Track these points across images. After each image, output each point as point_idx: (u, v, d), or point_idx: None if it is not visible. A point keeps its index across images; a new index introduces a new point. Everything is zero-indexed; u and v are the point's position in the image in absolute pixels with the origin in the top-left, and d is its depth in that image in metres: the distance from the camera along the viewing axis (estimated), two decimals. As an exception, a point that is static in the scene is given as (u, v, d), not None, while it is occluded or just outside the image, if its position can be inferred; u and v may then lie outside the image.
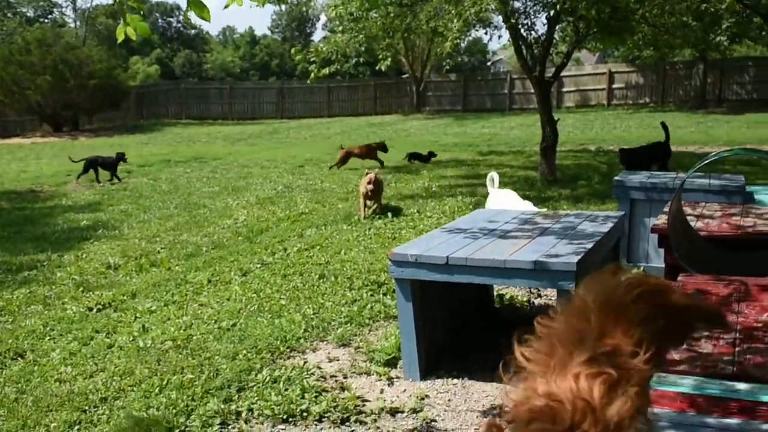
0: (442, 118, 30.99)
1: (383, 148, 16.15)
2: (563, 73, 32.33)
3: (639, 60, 33.01)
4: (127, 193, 13.79)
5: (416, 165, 15.83)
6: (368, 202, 10.34)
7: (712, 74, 30.33)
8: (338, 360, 5.43)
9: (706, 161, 4.72)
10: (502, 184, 12.54)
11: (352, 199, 11.80)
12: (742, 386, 2.78)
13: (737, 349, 3.09)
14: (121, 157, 15.12)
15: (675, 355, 3.03)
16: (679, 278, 4.15)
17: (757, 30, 23.55)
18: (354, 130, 26.77)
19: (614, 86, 32.70)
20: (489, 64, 60.98)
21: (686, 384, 2.82)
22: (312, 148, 20.77)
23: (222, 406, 4.62)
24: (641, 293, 1.13)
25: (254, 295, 6.93)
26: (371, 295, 6.73)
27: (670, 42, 17.93)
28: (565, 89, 33.02)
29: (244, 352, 5.52)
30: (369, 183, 9.97)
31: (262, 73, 58.06)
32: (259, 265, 7.98)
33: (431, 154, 16.38)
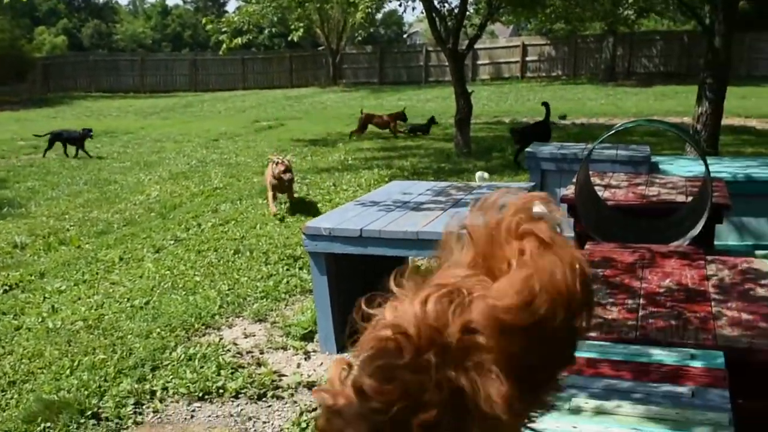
0: (358, 90, 30.90)
1: (403, 117, 15.77)
2: (478, 46, 32.69)
3: (551, 33, 33.52)
4: (34, 170, 13.30)
5: (333, 137, 15.75)
6: (279, 195, 8.93)
7: (621, 47, 31.05)
8: (254, 336, 5.40)
9: (612, 132, 4.84)
10: (419, 156, 12.65)
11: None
12: (643, 349, 2.88)
13: (640, 313, 3.20)
14: (86, 133, 14.28)
15: (581, 322, 3.12)
16: (587, 246, 4.27)
17: (663, 4, 24.15)
18: (270, 102, 26.46)
19: (528, 59, 33.13)
20: (405, 36, 60.95)
21: (591, 349, 2.90)
22: (227, 121, 20.46)
23: (136, 386, 4.55)
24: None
25: (168, 272, 6.82)
26: (287, 270, 6.71)
27: (580, 15, 18.27)
28: (479, 62, 33.29)
29: (158, 330, 5.44)
30: (286, 171, 8.44)
31: (175, 45, 56.66)
32: (172, 242, 7.85)
33: (432, 121, 15.91)
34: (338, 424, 0.86)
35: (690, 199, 5.30)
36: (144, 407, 4.39)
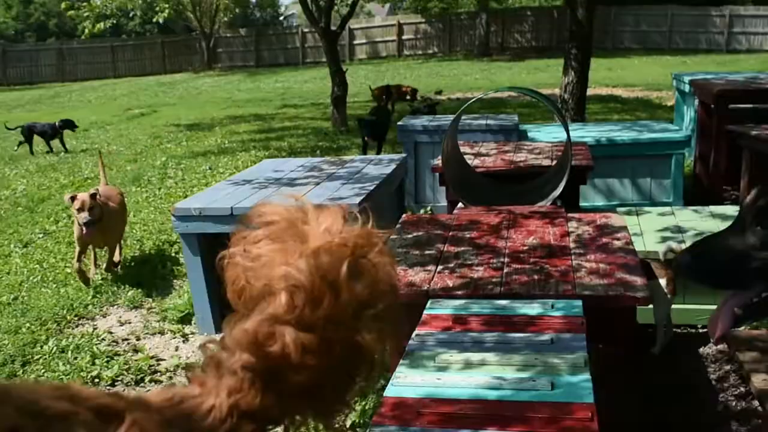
0: (234, 74, 30.43)
1: (414, 94, 15.10)
2: (354, 26, 32.77)
3: (426, 11, 33.91)
4: None
5: (208, 122, 15.44)
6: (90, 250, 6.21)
7: (494, 24, 31.73)
8: (130, 323, 5.29)
9: (474, 100, 4.97)
10: (297, 136, 12.59)
11: (140, 160, 11.39)
12: (507, 303, 2.98)
13: (504, 271, 3.30)
14: (64, 125, 12.89)
15: (449, 282, 3.19)
16: (455, 210, 4.36)
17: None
18: (142, 90, 25.73)
19: (404, 37, 33.40)
20: (282, 18, 60.37)
21: (458, 307, 2.98)
22: (97, 110, 19.77)
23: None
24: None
25: (37, 266, 6.58)
26: (163, 255, 6.57)
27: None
28: (356, 42, 33.36)
29: (28, 324, 5.25)
30: (81, 210, 5.60)
31: (40, 34, 54.21)
32: (41, 235, 7.56)
33: (432, 105, 12.45)
34: None
35: (555, 162, 5.48)
36: (14, 403, 4.23)
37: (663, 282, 4.18)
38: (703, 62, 22.77)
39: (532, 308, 2.91)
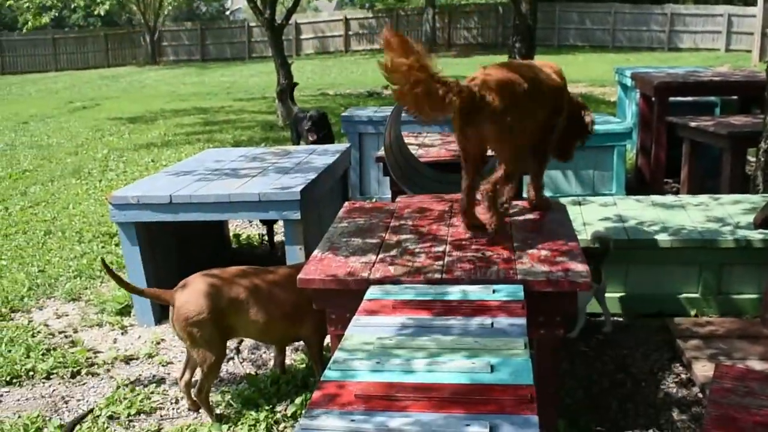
0: (180, 68, 30.02)
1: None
2: (301, 20, 32.58)
3: (373, 6, 33.86)
4: None
5: (152, 115, 15.14)
6: None
7: (441, 20, 31.84)
8: (67, 315, 5.16)
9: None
10: (242, 129, 12.45)
11: (81, 152, 11.15)
12: (449, 288, 2.96)
13: (446, 258, 3.28)
14: None
15: (392, 270, 3.16)
16: (398, 199, 4.33)
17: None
18: (85, 83, 25.21)
19: (351, 32, 33.31)
20: (228, 13, 59.73)
21: (397, 291, 2.95)
22: (38, 103, 19.31)
23: (-68, 377, 4.23)
24: None
25: (-29, 257, 6.39)
26: (102, 247, 6.44)
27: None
28: (303, 36, 33.15)
29: (-40, 317, 5.09)
30: None
31: (-23, 27, 52.87)
32: (-24, 227, 7.35)
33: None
34: None
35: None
36: (-56, 399, 4.10)
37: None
38: (645, 59, 23.13)
39: (473, 293, 2.90)
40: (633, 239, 4.61)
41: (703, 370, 3.85)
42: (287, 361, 4.24)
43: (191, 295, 3.55)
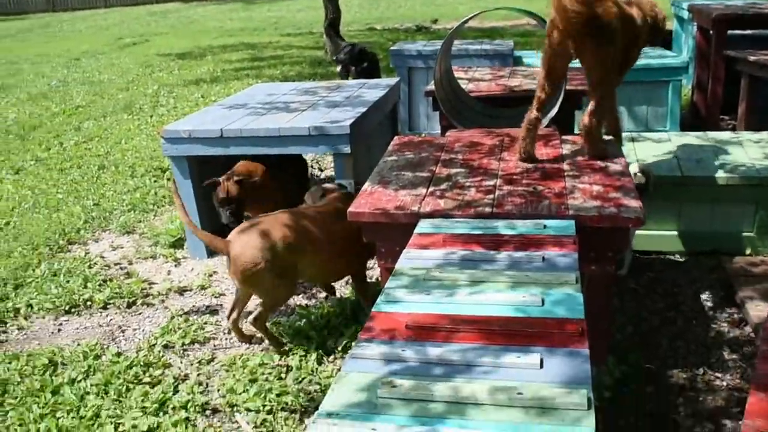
0: (227, 3, 29.86)
1: None
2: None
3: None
4: None
5: (201, 51, 15.16)
6: None
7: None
8: (122, 247, 5.27)
9: (469, 18, 4.87)
10: (290, 64, 12.42)
11: (132, 88, 11.23)
12: (498, 223, 2.95)
13: (497, 192, 3.26)
14: None
15: (442, 204, 3.15)
16: (448, 133, 4.30)
17: None
18: (133, 20, 25.28)
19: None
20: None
21: (447, 225, 2.95)
22: (89, 39, 19.44)
23: (-4, 305, 4.38)
24: None
25: (29, 192, 6.53)
26: (155, 181, 6.53)
27: None
28: (351, -30, 32.68)
29: (20, 249, 5.23)
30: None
31: (28, -37, 53.05)
32: (32, 162, 7.49)
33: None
34: None
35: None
36: (8, 325, 4.24)
37: None
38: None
39: (525, 228, 2.89)
40: (687, 176, 4.52)
41: (757, 309, 3.80)
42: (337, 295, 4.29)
43: (245, 247, 3.48)
